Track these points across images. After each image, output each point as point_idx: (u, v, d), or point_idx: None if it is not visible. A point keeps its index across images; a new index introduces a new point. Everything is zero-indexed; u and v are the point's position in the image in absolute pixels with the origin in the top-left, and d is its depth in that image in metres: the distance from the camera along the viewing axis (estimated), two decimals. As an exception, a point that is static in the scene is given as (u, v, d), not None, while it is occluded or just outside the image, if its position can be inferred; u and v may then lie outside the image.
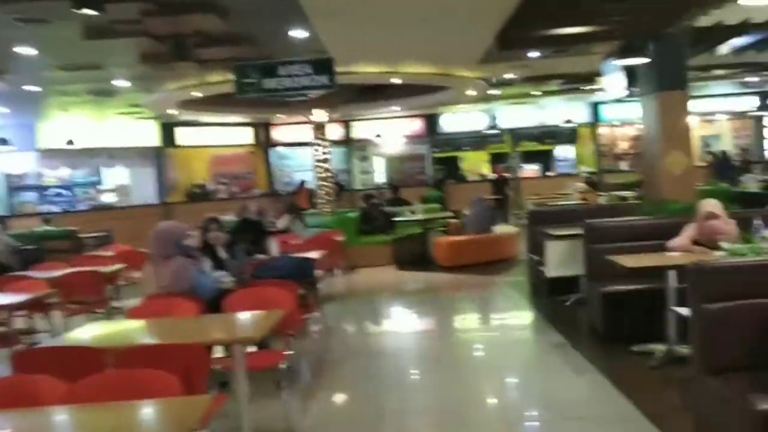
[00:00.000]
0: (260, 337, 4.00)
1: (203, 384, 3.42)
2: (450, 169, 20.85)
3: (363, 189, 20.10)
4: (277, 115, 16.95)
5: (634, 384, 5.09)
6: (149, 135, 17.85)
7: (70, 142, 16.51)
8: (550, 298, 7.79)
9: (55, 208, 17.47)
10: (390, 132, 20.72)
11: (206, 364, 3.62)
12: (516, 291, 9.10)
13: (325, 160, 13.91)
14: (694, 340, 3.97)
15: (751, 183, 13.03)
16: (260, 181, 20.72)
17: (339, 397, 5.50)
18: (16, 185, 17.62)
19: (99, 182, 18.79)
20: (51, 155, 17.27)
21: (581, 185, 18.22)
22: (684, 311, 5.07)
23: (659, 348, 5.65)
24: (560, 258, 7.18)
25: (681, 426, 4.19)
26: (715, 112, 20.83)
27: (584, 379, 5.40)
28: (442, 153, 21.44)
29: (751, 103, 20.47)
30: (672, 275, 5.40)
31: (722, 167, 17.90)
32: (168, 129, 18.07)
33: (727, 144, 21.32)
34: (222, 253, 6.40)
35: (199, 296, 5.03)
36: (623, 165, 20.93)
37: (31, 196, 17.83)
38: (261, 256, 7.47)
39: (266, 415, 4.67)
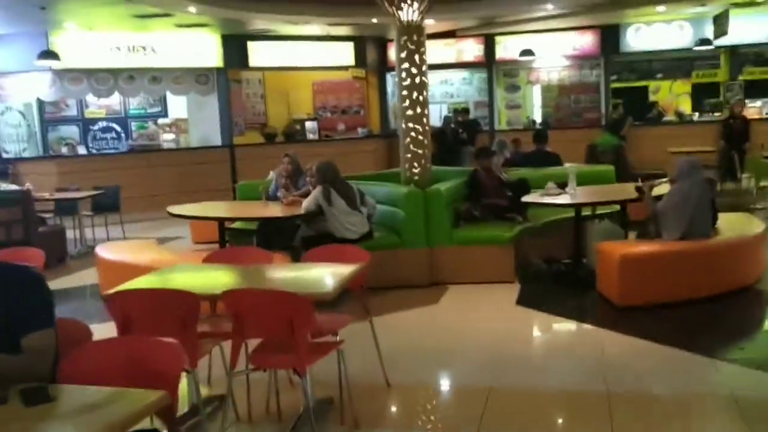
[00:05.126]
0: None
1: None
2: (634, 104, 14.44)
3: (507, 131, 14.43)
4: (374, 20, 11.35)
5: None
6: (206, 51, 12.91)
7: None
8: None
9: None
10: (548, 49, 14.54)
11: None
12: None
13: (417, 86, 7.64)
14: None
15: None
16: (371, 117, 15.54)
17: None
18: (51, 117, 13.56)
19: (163, 114, 14.45)
20: (70, 77, 12.21)
21: None
22: None
23: None
24: None
25: None
26: None
27: None
28: (622, 81, 15.07)
29: None
30: None
31: None
32: (235, 43, 13.12)
33: None
34: None
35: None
36: None
37: (70, 131, 13.73)
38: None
39: None
